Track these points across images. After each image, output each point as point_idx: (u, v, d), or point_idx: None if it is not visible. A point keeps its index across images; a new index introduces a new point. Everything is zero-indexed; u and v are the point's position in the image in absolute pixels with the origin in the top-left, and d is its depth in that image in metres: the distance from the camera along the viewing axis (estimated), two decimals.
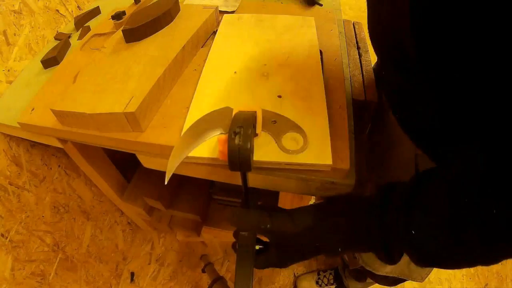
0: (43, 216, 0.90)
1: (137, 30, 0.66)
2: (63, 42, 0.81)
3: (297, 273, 1.30)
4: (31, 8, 0.82)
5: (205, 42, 0.74)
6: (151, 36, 0.68)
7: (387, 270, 0.73)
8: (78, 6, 0.99)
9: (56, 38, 0.87)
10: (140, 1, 0.89)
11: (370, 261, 0.75)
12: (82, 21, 0.90)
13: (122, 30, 0.65)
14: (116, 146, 0.58)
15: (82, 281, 1.07)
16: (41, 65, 0.77)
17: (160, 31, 0.70)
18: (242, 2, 0.91)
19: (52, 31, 0.89)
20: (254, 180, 0.53)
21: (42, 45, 0.86)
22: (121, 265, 1.32)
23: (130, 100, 0.53)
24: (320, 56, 0.64)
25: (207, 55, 0.67)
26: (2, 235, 0.77)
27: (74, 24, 0.90)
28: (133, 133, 0.55)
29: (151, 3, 0.76)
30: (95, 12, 0.95)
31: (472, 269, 1.34)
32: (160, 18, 0.69)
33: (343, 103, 0.58)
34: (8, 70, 0.77)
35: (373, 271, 0.76)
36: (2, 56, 0.75)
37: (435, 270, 1.01)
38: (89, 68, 0.62)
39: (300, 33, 0.72)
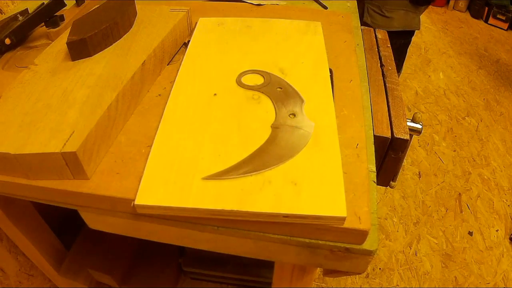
0: None
1: (88, 42, 0.68)
2: None
3: None
4: None
5: (173, 57, 0.77)
6: (103, 51, 0.71)
7: None
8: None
9: None
10: (84, 2, 0.93)
11: None
12: (5, 28, 0.93)
13: (67, 43, 0.67)
14: (51, 200, 0.59)
15: None
16: None
17: (115, 43, 0.72)
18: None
19: None
20: (241, 247, 0.54)
21: None
22: None
23: (70, 136, 0.54)
24: (330, 77, 0.67)
25: (176, 75, 0.70)
26: None
27: None
28: (74, 181, 0.56)
29: (99, 5, 0.79)
30: (23, 15, 0.98)
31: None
32: (118, 24, 0.71)
33: (362, 141, 0.60)
34: None
35: None
36: None
37: None
38: (15, 93, 0.64)
39: (302, 44, 0.76)
